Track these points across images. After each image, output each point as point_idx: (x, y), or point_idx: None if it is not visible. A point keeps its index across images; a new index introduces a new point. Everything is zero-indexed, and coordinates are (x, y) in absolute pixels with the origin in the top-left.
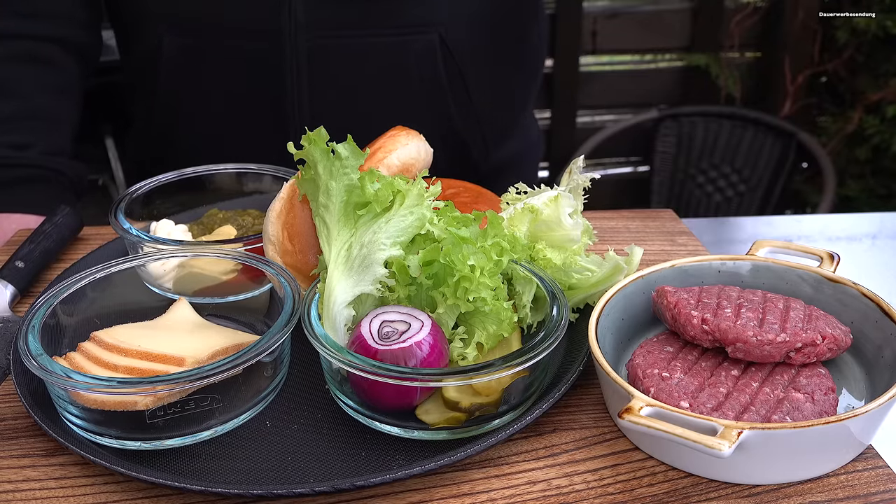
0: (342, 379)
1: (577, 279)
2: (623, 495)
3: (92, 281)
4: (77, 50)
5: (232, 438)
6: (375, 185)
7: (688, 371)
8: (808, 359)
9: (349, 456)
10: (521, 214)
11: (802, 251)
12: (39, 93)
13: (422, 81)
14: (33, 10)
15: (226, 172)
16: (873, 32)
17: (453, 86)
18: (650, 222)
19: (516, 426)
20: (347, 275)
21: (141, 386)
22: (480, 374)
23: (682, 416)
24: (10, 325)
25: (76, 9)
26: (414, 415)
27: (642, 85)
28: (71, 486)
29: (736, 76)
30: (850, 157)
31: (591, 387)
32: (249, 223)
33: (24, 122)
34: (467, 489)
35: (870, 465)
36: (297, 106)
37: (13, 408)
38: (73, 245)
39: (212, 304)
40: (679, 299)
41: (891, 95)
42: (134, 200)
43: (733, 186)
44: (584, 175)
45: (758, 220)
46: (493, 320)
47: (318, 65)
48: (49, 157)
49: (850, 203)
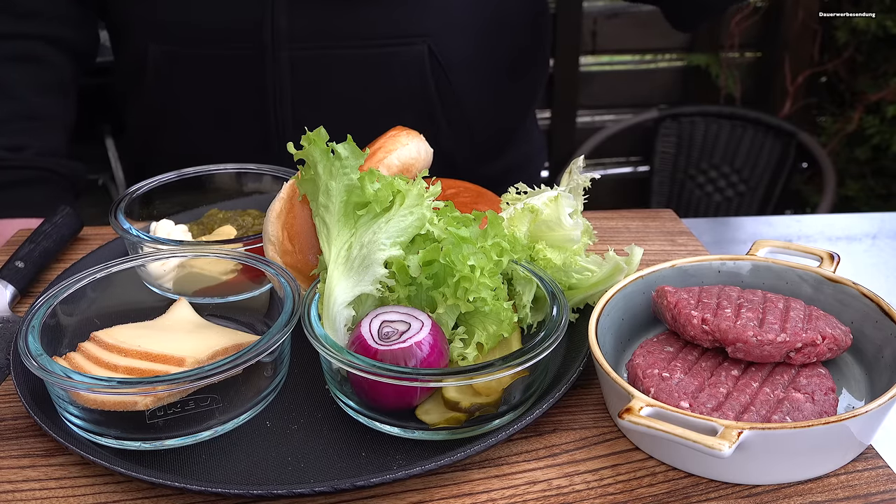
0: (342, 379)
1: (577, 279)
2: (623, 495)
3: (92, 281)
4: (71, 49)
5: (232, 438)
6: (375, 185)
7: (688, 371)
8: (808, 359)
9: (349, 456)
10: (521, 214)
11: (802, 251)
12: (33, 93)
13: (409, 94)
14: (26, 10)
15: (226, 172)
16: (873, 32)
17: (443, 99)
18: (650, 222)
19: (516, 426)
20: (347, 275)
21: (141, 386)
22: (480, 374)
23: (682, 417)
24: (10, 325)
25: (69, 8)
26: (414, 415)
27: (642, 85)
28: (71, 486)
29: (736, 76)
30: (850, 157)
31: (591, 387)
32: (249, 223)
33: (19, 123)
34: (467, 489)
35: (870, 465)
36: (281, 118)
37: (13, 408)
38: (73, 245)
39: (212, 304)
40: (679, 299)
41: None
42: (134, 200)
43: (733, 186)
44: (584, 175)
45: (758, 220)
46: (493, 320)
47: (302, 77)
48: (45, 158)
49: (850, 203)
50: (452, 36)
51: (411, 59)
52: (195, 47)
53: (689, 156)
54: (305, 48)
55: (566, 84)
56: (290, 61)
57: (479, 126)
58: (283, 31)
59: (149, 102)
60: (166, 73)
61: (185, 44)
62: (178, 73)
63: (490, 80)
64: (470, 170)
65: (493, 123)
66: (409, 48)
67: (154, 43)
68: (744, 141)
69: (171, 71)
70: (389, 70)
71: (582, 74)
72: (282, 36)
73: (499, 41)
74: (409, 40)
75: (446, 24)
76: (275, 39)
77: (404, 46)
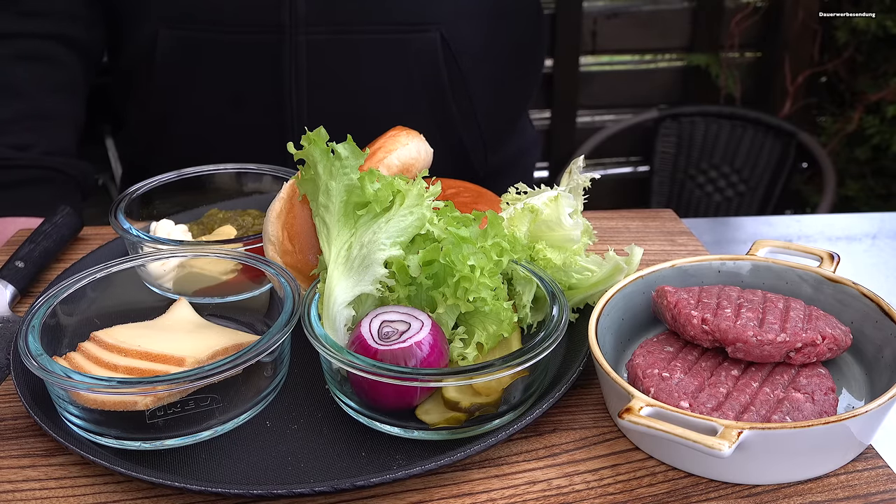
0: (342, 379)
1: (577, 279)
2: (623, 495)
3: (92, 281)
4: (80, 47)
5: (232, 438)
6: (375, 185)
7: (688, 371)
8: (808, 359)
9: (349, 456)
10: (521, 214)
11: (802, 251)
12: (43, 92)
13: (423, 82)
14: (35, 9)
15: (226, 172)
16: (873, 32)
17: (454, 86)
18: (650, 222)
19: (516, 426)
20: (347, 275)
21: (141, 386)
22: (480, 374)
23: (682, 416)
24: (10, 325)
25: (78, 6)
26: (414, 415)
27: (642, 85)
28: (71, 486)
29: (736, 76)
30: (850, 157)
31: (591, 387)
32: (249, 223)
33: (28, 121)
34: (467, 489)
35: (870, 465)
36: (296, 105)
37: (13, 408)
38: (73, 245)
39: (212, 304)
40: (679, 299)
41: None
42: (134, 200)
43: (733, 186)
44: (584, 175)
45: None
46: (493, 320)
47: (317, 62)
48: (52, 157)
49: (850, 203)
50: (462, 24)
51: (424, 46)
52: (213, 32)
53: (689, 156)
54: (322, 32)
55: (566, 84)
56: (307, 45)
57: (484, 116)
58: (301, 13)
59: (157, 93)
60: (178, 61)
61: (202, 28)
62: (191, 60)
63: (495, 71)
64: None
65: (496, 115)
66: (422, 35)
67: (167, 28)
68: (744, 141)
69: (184, 57)
70: (404, 57)
71: (582, 74)
72: (300, 19)
73: (502, 32)
74: (423, 27)
75: (456, 11)
76: (292, 22)
77: (417, 33)
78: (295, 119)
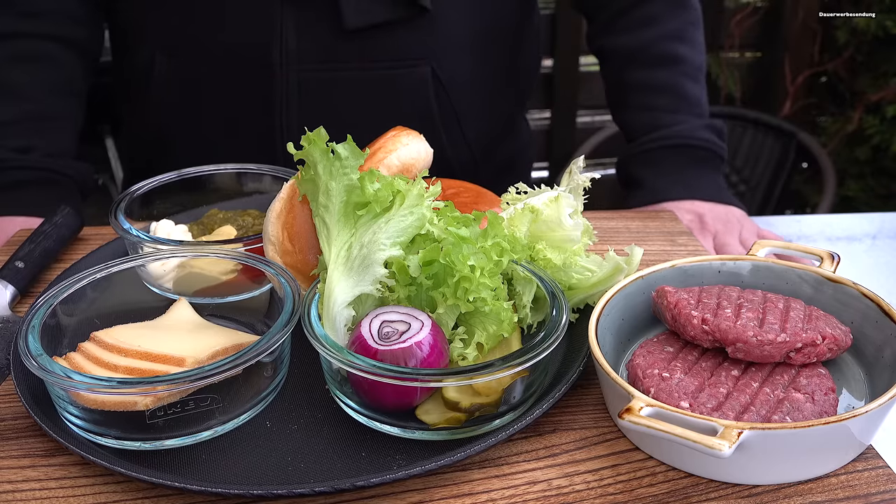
0: (342, 379)
1: (577, 279)
2: (623, 495)
3: (92, 281)
4: (79, 48)
5: (232, 438)
6: (375, 186)
7: (688, 371)
8: (808, 359)
9: (349, 456)
10: (521, 214)
11: (802, 251)
12: (42, 93)
13: (413, 115)
14: (33, 9)
15: (226, 172)
16: (873, 32)
17: (445, 118)
18: (650, 222)
19: (516, 426)
20: (347, 275)
21: (141, 386)
22: (480, 374)
23: (682, 417)
24: (10, 325)
25: (77, 6)
26: (414, 415)
27: None
28: (71, 486)
29: (736, 76)
30: (850, 157)
31: (591, 387)
32: (249, 223)
33: (28, 123)
34: (467, 489)
35: (870, 465)
36: (287, 138)
37: (13, 408)
38: (73, 245)
39: (212, 304)
40: (679, 299)
41: (891, 95)
42: (134, 200)
43: (733, 186)
44: (585, 175)
45: (758, 220)
46: (493, 320)
47: (309, 98)
48: (52, 159)
49: (850, 203)
50: (452, 55)
51: (415, 81)
52: (203, 64)
53: None
54: (313, 69)
55: (566, 84)
56: (297, 82)
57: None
58: (292, 52)
59: (153, 108)
60: (173, 85)
61: (193, 60)
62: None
63: (485, 92)
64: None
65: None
66: (412, 70)
67: (163, 55)
68: (744, 141)
69: (178, 83)
70: (395, 92)
71: (582, 74)
72: (290, 57)
73: (492, 54)
74: (413, 62)
75: (446, 44)
76: (283, 60)
77: (408, 69)
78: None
